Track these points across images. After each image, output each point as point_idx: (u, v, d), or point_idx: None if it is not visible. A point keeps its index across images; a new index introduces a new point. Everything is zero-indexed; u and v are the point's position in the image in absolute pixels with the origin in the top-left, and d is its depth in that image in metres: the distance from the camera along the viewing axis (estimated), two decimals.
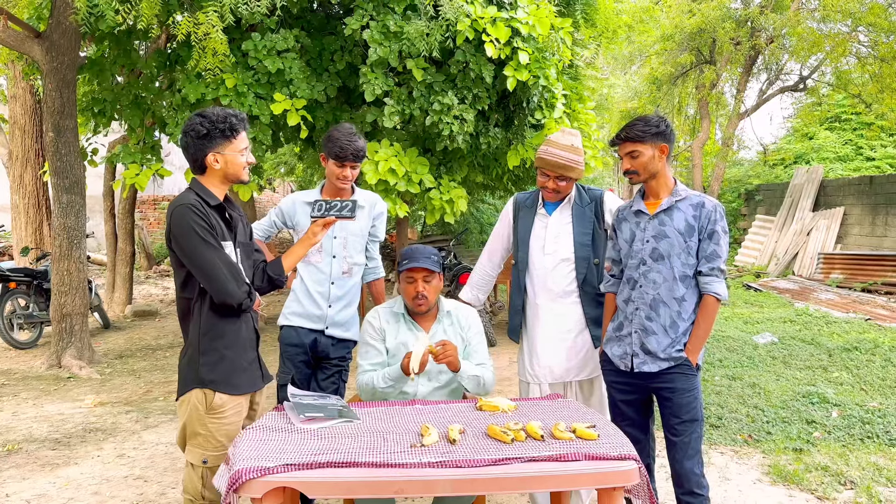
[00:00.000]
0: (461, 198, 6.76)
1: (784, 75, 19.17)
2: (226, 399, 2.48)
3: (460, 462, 2.06)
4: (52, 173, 6.62)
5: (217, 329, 2.48)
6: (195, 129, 2.45)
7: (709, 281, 2.74)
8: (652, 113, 2.92)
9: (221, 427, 2.46)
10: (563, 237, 3.17)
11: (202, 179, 2.53)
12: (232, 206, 2.61)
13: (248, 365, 2.57)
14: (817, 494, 3.70)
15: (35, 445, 4.58)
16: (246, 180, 2.58)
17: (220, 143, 2.47)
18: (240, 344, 2.53)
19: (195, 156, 2.49)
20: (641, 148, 2.78)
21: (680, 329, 2.77)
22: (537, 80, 6.06)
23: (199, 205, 2.42)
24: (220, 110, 2.48)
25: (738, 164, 22.15)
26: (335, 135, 3.17)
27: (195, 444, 2.48)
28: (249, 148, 2.58)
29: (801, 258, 13.81)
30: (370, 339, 3.01)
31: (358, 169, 3.25)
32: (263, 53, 6.09)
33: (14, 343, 7.61)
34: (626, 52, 17.36)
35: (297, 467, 2.01)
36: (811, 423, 4.77)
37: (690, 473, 2.75)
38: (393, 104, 6.05)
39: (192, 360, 2.49)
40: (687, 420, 2.76)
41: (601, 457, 2.11)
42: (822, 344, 7.23)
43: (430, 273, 2.93)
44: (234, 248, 2.53)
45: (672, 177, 2.88)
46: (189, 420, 2.48)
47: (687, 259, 2.76)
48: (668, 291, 2.78)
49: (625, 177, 2.90)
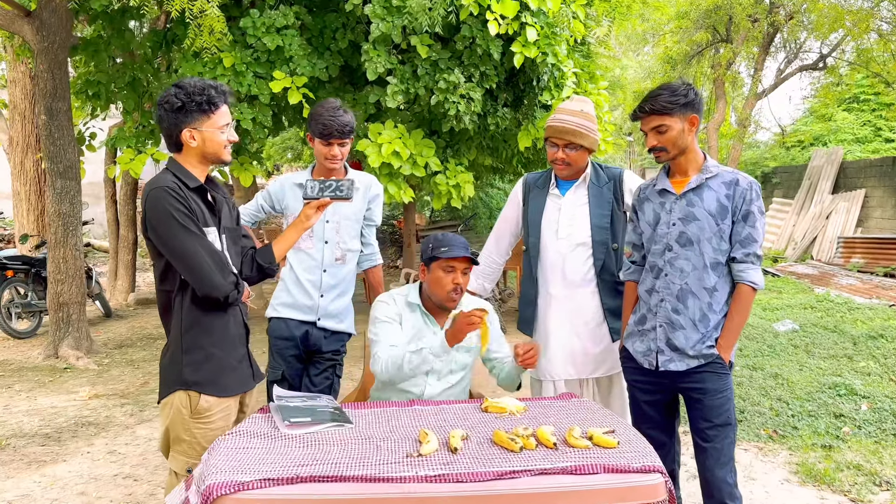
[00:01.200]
0: (468, 182, 6.48)
1: (803, 53, 18.68)
2: (212, 402, 2.24)
3: (461, 476, 1.81)
4: (46, 158, 6.40)
5: (201, 324, 2.24)
6: (169, 101, 2.20)
7: (744, 269, 2.45)
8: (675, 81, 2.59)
9: (208, 433, 2.22)
10: (579, 220, 2.88)
11: (179, 158, 2.27)
12: (215, 187, 2.36)
13: (237, 363, 2.33)
14: (851, 496, 3.44)
15: (24, 441, 4.38)
16: (227, 161, 2.32)
17: (196, 117, 2.21)
18: (227, 340, 2.30)
19: (170, 131, 2.24)
20: (669, 121, 2.46)
21: (711, 323, 2.48)
22: (546, 56, 5.75)
23: (176, 187, 2.16)
24: (198, 81, 2.22)
25: (754, 147, 21.69)
26: (318, 111, 2.92)
27: (179, 452, 2.25)
28: (232, 125, 2.31)
29: (819, 242, 13.45)
30: (386, 317, 2.73)
31: (347, 147, 2.99)
32: (262, 31, 5.82)
33: (12, 332, 7.44)
34: (640, 30, 16.90)
35: (276, 482, 1.77)
36: (839, 417, 4.50)
37: (722, 483, 2.46)
38: (396, 83, 5.76)
39: (174, 360, 2.25)
40: (719, 424, 2.47)
41: (622, 469, 1.85)
42: (846, 331, 6.93)
43: (470, 265, 2.69)
44: (218, 235, 2.28)
45: (701, 151, 2.57)
46: (172, 425, 2.25)
47: (719, 244, 2.46)
48: (697, 281, 2.48)
49: (650, 154, 2.59)
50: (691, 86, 2.50)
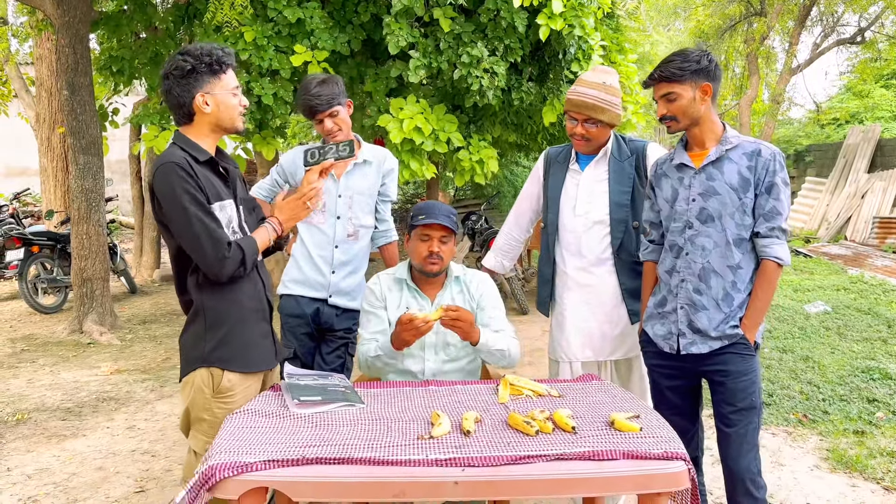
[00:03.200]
0: (491, 157, 6.34)
1: (840, 27, 18.09)
2: (235, 380, 2.18)
3: (473, 460, 1.73)
4: (69, 134, 6.41)
5: (222, 301, 2.17)
6: (178, 66, 2.12)
7: (768, 243, 2.31)
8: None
9: (229, 412, 2.14)
10: (598, 196, 2.75)
11: (188, 131, 2.19)
12: (225, 157, 2.28)
13: (260, 339, 2.28)
14: (884, 484, 3.30)
15: (45, 415, 4.41)
16: (242, 129, 2.23)
17: (208, 80, 2.13)
18: (249, 316, 2.23)
19: (181, 99, 2.14)
20: (679, 89, 2.33)
21: (735, 302, 2.35)
22: (572, 29, 5.58)
23: (185, 163, 2.07)
24: (203, 44, 2.14)
25: (787, 124, 21.13)
26: (299, 92, 2.87)
27: (200, 431, 2.20)
28: (241, 88, 2.23)
29: (854, 222, 13.07)
30: (370, 306, 2.68)
31: (339, 116, 2.91)
32: (283, 3, 5.72)
33: (38, 307, 7.52)
34: (671, 3, 16.48)
35: (281, 464, 1.71)
36: (872, 402, 4.34)
37: (746, 472, 2.34)
38: (419, 57, 5.63)
39: (196, 337, 2.19)
40: (743, 408, 2.34)
41: (643, 455, 1.76)
42: (881, 314, 6.70)
43: (448, 233, 2.58)
44: (235, 206, 2.22)
45: (720, 122, 2.42)
46: (193, 404, 2.19)
47: (742, 219, 2.32)
48: (720, 259, 2.34)
49: (661, 123, 2.45)
50: (707, 53, 2.35)
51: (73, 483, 3.45)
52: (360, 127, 6.58)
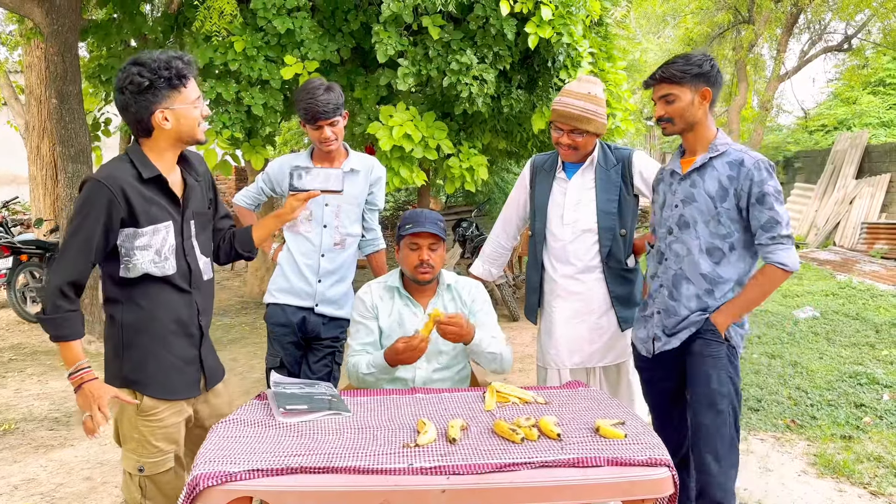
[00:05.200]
0: (482, 165, 6.36)
1: (827, 35, 18.24)
2: (156, 402, 2.08)
3: (458, 468, 1.74)
4: (58, 142, 6.37)
5: (141, 320, 2.06)
6: (133, 80, 1.95)
7: (772, 250, 2.28)
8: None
9: (157, 430, 2.07)
10: (585, 205, 2.78)
11: (145, 145, 2.06)
12: (189, 166, 2.17)
13: (183, 365, 2.14)
14: (870, 489, 3.32)
15: (33, 425, 4.38)
16: (203, 140, 2.12)
17: (167, 95, 1.98)
18: (171, 338, 2.11)
19: (138, 116, 1.99)
20: (679, 91, 2.34)
21: (710, 310, 2.36)
22: (561, 37, 5.61)
23: (118, 189, 1.95)
24: (160, 54, 1.98)
25: (776, 130, 21.26)
26: (300, 95, 2.82)
27: (129, 450, 2.09)
28: (202, 98, 2.10)
29: (842, 228, 13.16)
30: (360, 316, 2.68)
31: (339, 126, 2.89)
32: (273, 13, 5.73)
33: (27, 316, 7.47)
34: (660, 11, 16.58)
35: (266, 473, 1.71)
36: (860, 407, 4.37)
37: (705, 466, 2.23)
38: (408, 65, 5.65)
39: (114, 351, 2.08)
40: (705, 393, 2.25)
41: (627, 462, 1.77)
42: (869, 319, 6.75)
43: (437, 240, 2.59)
44: (180, 226, 2.10)
45: (714, 128, 2.44)
46: (119, 420, 2.10)
47: (717, 228, 2.33)
48: (691, 266, 2.36)
49: (657, 124, 2.47)
50: (710, 58, 2.37)
51: (59, 493, 3.43)
52: (351, 134, 6.60)
